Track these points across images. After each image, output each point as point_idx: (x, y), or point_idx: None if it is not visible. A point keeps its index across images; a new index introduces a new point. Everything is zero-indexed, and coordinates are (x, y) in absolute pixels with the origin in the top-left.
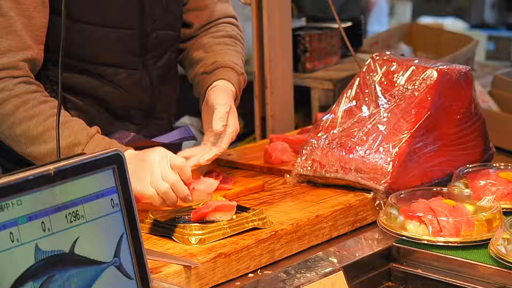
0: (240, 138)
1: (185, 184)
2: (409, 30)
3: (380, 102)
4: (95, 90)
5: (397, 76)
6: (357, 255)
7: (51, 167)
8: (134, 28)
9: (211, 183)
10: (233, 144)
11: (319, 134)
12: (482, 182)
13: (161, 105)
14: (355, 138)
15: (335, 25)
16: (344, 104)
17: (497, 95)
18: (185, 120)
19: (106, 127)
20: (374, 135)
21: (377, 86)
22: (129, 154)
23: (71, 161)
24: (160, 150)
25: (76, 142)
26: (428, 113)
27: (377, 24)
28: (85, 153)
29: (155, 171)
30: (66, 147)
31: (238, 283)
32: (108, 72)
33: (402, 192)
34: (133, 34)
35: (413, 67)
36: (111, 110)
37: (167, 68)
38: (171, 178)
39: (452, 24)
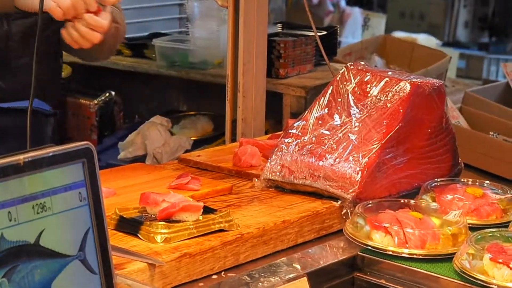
0: (210, 140)
1: None
2: (383, 43)
3: (352, 112)
4: None
5: (371, 86)
6: (321, 262)
7: (21, 157)
8: None
9: (179, 197)
10: (202, 146)
11: (290, 140)
12: (449, 197)
13: None
14: (326, 146)
15: (311, 33)
16: (316, 111)
17: (467, 112)
18: (155, 119)
19: None
20: (345, 144)
21: (350, 95)
22: None
23: (41, 152)
24: None
25: None
26: (400, 125)
27: (351, 36)
28: (55, 145)
29: None
30: None
31: (202, 284)
32: None
33: (370, 202)
34: None
35: (386, 79)
36: None
37: None
38: None
39: (425, 40)
